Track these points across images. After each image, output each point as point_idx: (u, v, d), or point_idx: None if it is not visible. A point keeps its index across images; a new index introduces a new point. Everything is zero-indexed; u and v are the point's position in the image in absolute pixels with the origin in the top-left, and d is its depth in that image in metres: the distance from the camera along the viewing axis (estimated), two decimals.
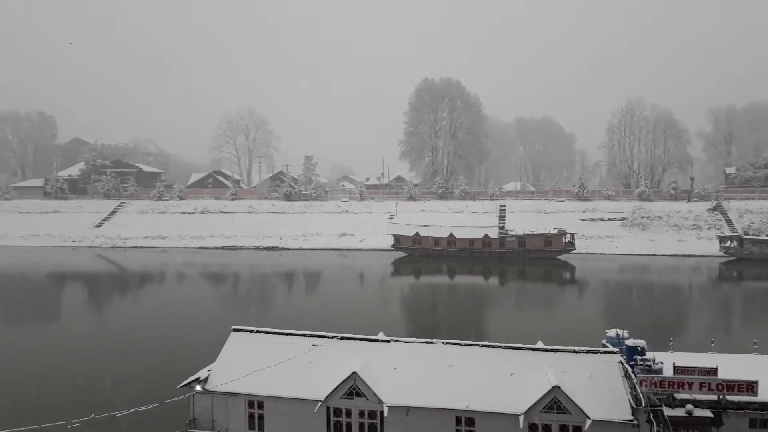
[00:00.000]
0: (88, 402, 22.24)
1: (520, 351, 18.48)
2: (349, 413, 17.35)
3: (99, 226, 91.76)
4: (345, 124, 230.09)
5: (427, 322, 41.50)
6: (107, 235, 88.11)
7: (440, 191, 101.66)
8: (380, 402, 16.86)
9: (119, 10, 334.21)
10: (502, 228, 73.85)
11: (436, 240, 72.00)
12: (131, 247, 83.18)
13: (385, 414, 16.77)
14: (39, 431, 17.99)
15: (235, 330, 20.51)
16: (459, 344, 19.04)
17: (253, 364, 18.49)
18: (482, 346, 18.92)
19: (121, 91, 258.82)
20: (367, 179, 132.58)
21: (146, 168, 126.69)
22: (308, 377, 18.09)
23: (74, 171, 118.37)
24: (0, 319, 44.51)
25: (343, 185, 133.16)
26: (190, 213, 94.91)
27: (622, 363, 17.92)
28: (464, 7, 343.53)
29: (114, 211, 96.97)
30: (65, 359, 30.65)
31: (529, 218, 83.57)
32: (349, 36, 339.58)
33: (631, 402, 16.27)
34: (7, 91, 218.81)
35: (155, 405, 18.01)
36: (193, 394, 18.31)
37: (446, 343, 19.11)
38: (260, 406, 17.95)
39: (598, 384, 16.93)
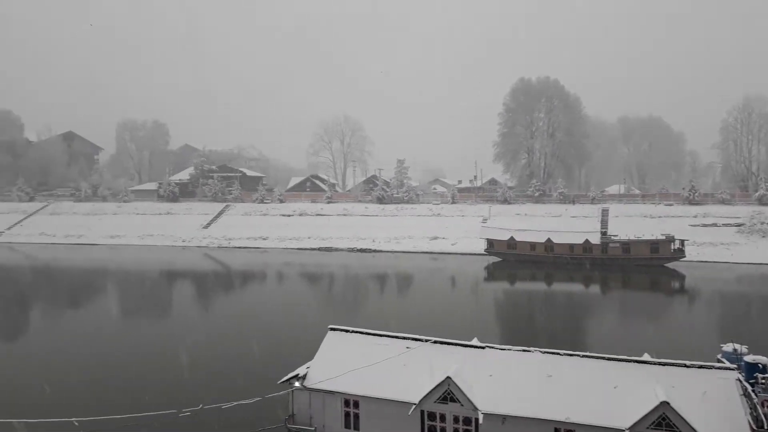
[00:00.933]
0: (196, 393, 23.63)
1: (625, 363, 17.47)
2: (443, 418, 17.22)
3: (206, 227, 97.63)
4: (438, 127, 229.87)
5: (523, 329, 40.38)
6: (214, 235, 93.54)
7: (537, 194, 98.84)
8: (475, 408, 16.59)
9: (221, 23, 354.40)
10: (604, 233, 70.42)
11: (533, 245, 69.92)
12: (235, 247, 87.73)
13: (480, 421, 16.47)
14: (153, 418, 19.43)
15: (331, 329, 21.01)
16: (558, 354, 18.33)
17: (348, 363, 18.85)
18: (583, 356, 18.10)
19: (227, 99, 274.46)
20: (460, 182, 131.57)
21: (249, 172, 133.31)
22: (402, 379, 18.15)
23: (184, 175, 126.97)
24: (119, 312, 48.55)
25: (435, 188, 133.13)
26: (289, 215, 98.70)
27: (740, 380, 16.46)
28: (556, 4, 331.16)
29: (220, 213, 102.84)
30: (176, 351, 32.80)
31: (634, 223, 79.15)
32: (440, 36, 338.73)
33: (751, 423, 14.90)
34: (128, 101, 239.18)
35: (257, 399, 18.87)
36: (293, 391, 18.94)
37: (544, 352, 18.47)
38: (356, 405, 18.26)
39: (712, 402, 15.65)
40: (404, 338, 20.01)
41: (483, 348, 19.05)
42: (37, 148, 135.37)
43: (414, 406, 17.16)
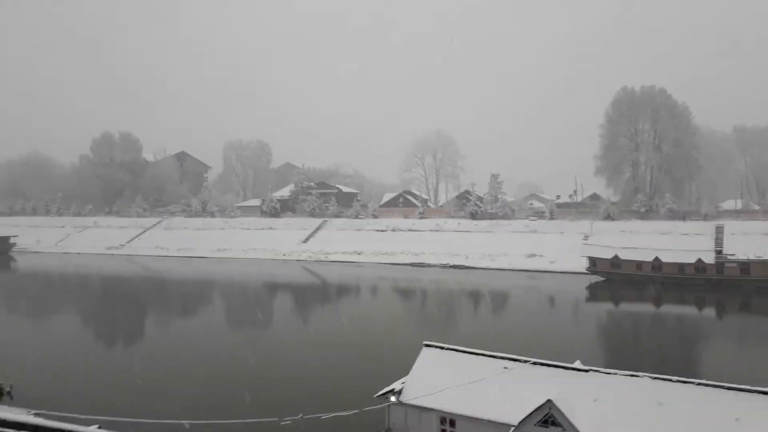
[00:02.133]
0: (296, 402, 24.37)
1: (748, 393, 16.03)
2: None
3: (305, 241, 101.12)
4: (533, 141, 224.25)
5: (629, 353, 38.10)
6: (312, 249, 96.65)
7: (643, 210, 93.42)
8: None
9: (320, 42, 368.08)
10: (719, 252, 65.15)
11: (639, 264, 66.00)
12: (332, 261, 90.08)
13: None
14: (254, 425, 20.24)
15: (426, 345, 20.98)
16: (670, 380, 17.14)
17: (443, 380, 18.71)
18: (699, 384, 16.81)
19: (323, 117, 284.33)
20: (558, 197, 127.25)
21: (345, 189, 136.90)
22: (500, 400, 17.73)
23: (285, 192, 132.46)
24: (225, 321, 51.31)
25: (531, 204, 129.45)
26: (382, 231, 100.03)
27: None
28: (652, 7, 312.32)
29: (318, 228, 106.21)
30: (278, 361, 34.10)
31: (754, 242, 72.49)
32: (533, 49, 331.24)
33: None
34: (235, 122, 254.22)
35: (355, 411, 19.15)
36: (389, 405, 19.06)
37: (654, 378, 17.35)
38: (452, 423, 18.04)
39: None
40: (502, 358, 19.58)
41: (587, 371, 18.22)
42: (153, 167, 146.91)
43: (513, 428, 16.69)
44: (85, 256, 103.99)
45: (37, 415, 21.03)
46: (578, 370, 18.37)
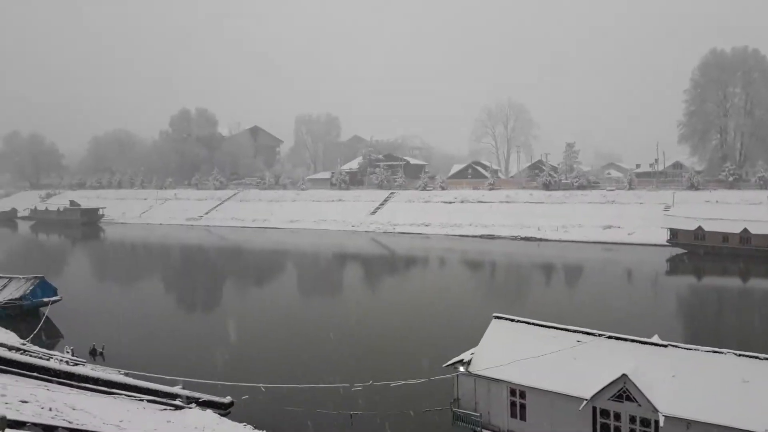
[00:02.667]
0: (366, 369, 24.89)
1: None
2: (618, 417, 16.15)
3: (373, 213, 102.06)
4: (612, 108, 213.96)
5: (712, 329, 36.25)
6: (380, 221, 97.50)
7: (730, 179, 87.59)
8: (655, 410, 15.30)
9: (387, 18, 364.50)
10: None
11: (725, 236, 62.21)
12: (399, 233, 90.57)
13: (661, 424, 15.15)
14: (326, 389, 20.86)
15: (496, 317, 20.74)
16: (757, 358, 16.14)
17: (513, 352, 18.48)
18: None
19: (392, 88, 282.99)
20: (638, 166, 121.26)
21: (412, 160, 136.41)
22: (572, 373, 17.34)
23: (354, 165, 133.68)
24: (298, 290, 52.87)
25: (609, 173, 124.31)
26: (450, 202, 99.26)
27: None
28: None
29: (385, 200, 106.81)
30: (347, 328, 34.86)
31: None
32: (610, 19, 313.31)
33: None
34: (304, 96, 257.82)
35: (423, 380, 19.33)
36: (457, 375, 19.09)
37: (739, 355, 16.39)
38: (522, 395, 17.86)
39: None
40: (574, 331, 19.07)
41: (665, 346, 17.43)
42: (229, 142, 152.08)
43: (586, 402, 16.32)
44: (166, 227, 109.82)
45: (126, 374, 22.59)
46: (656, 344, 17.61)
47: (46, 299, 37.03)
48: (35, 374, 19.66)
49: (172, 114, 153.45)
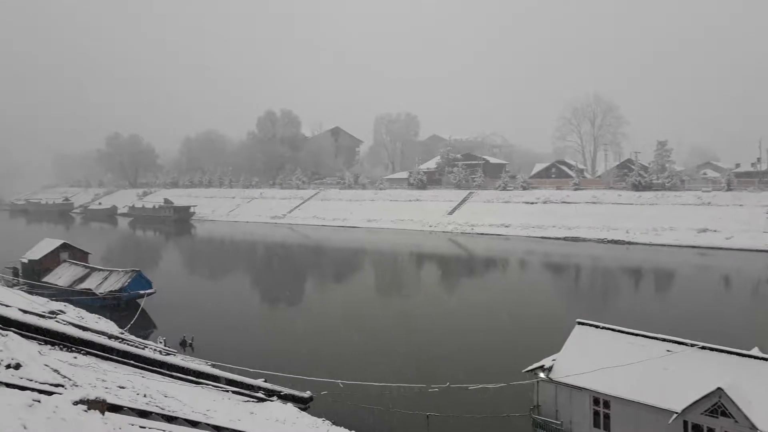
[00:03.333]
0: (443, 371, 24.74)
1: None
2: None
3: (451, 213, 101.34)
4: (707, 105, 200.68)
5: None
6: (458, 221, 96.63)
7: None
8: (754, 427, 14.19)
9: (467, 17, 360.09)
10: None
11: None
12: (478, 233, 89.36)
13: None
14: (403, 389, 20.91)
15: (579, 323, 19.98)
16: None
17: (597, 360, 17.72)
18: None
19: (470, 87, 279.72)
20: (737, 166, 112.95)
21: (492, 160, 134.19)
22: (661, 385, 16.41)
23: (431, 164, 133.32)
24: (376, 287, 53.42)
25: (705, 173, 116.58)
26: (532, 203, 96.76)
27: None
28: None
29: (464, 200, 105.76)
30: (425, 328, 34.83)
31: None
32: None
33: None
34: (384, 95, 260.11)
35: (502, 384, 18.94)
36: (538, 381, 18.57)
37: None
38: (606, 405, 17.09)
39: None
40: (663, 340, 18.01)
41: (766, 360, 16.12)
42: (311, 143, 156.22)
43: (676, 416, 15.38)
44: (252, 225, 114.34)
45: (213, 365, 23.71)
46: (756, 357, 16.31)
47: (142, 292, 39.48)
48: (131, 362, 21.02)
49: (258, 115, 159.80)
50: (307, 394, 21.91)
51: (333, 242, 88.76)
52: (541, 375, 18.35)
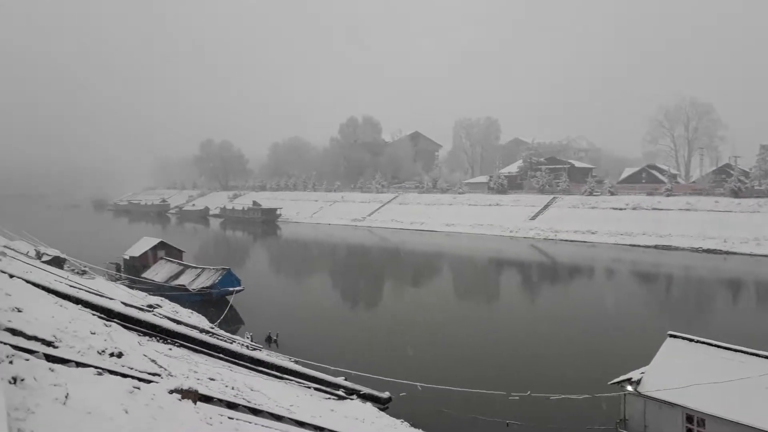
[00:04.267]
0: (524, 378, 24.22)
1: None
2: None
3: (533, 218, 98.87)
4: None
5: None
6: (540, 227, 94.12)
7: None
8: None
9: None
10: None
11: None
12: (561, 240, 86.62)
13: None
14: (482, 395, 20.65)
15: (671, 336, 18.94)
16: None
17: (691, 375, 16.73)
18: None
19: (554, 90, 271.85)
20: None
21: (578, 164, 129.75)
22: (764, 405, 15.25)
23: (513, 168, 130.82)
24: (453, 294, 53.04)
25: None
26: (621, 209, 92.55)
27: None
28: None
29: (547, 205, 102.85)
30: (505, 335, 34.21)
31: None
32: None
33: None
34: (465, 101, 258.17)
35: (586, 396, 18.30)
36: (625, 395, 17.78)
37: None
38: (701, 423, 16.09)
39: None
40: (766, 357, 16.72)
41: None
42: (391, 147, 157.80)
43: None
44: (333, 227, 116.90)
45: (296, 362, 24.46)
46: None
47: (231, 289, 41.37)
48: (221, 355, 22.10)
49: (341, 122, 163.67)
50: (385, 394, 22.14)
51: (411, 245, 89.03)
52: (629, 388, 17.56)
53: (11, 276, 21.93)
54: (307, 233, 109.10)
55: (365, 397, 21.69)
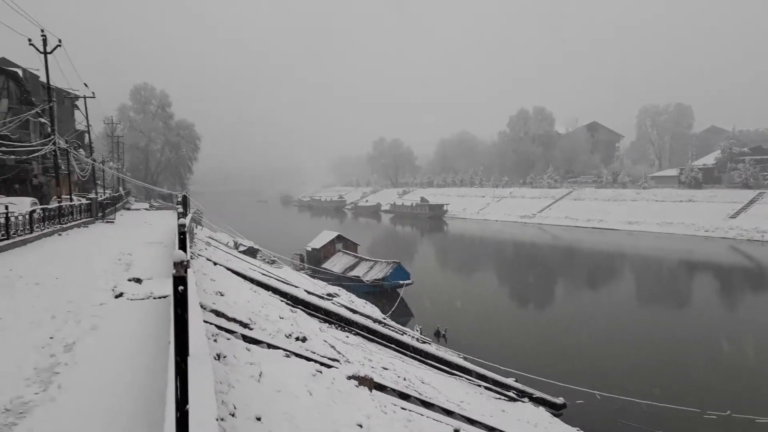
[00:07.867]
0: (723, 397, 21.44)
1: None
2: None
3: (733, 217, 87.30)
4: None
5: None
6: (742, 226, 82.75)
7: None
8: None
9: None
10: None
11: None
12: None
13: None
14: (670, 410, 18.67)
15: None
16: None
17: None
18: None
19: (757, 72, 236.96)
20: None
21: None
22: None
23: (709, 160, 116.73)
24: (635, 298, 48.81)
25: None
26: None
27: None
28: None
29: (751, 202, 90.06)
30: (701, 346, 30.66)
31: None
32: None
33: None
34: (650, 85, 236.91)
35: None
36: None
37: None
38: None
39: None
40: None
41: None
42: (565, 139, 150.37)
43: None
44: (500, 223, 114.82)
45: (464, 358, 24.38)
46: None
47: (401, 282, 42.68)
48: (393, 346, 22.81)
49: (510, 114, 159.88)
50: (560, 400, 21.08)
51: (587, 244, 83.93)
52: None
53: (215, 263, 24.86)
54: (473, 229, 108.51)
55: (538, 401, 20.86)
